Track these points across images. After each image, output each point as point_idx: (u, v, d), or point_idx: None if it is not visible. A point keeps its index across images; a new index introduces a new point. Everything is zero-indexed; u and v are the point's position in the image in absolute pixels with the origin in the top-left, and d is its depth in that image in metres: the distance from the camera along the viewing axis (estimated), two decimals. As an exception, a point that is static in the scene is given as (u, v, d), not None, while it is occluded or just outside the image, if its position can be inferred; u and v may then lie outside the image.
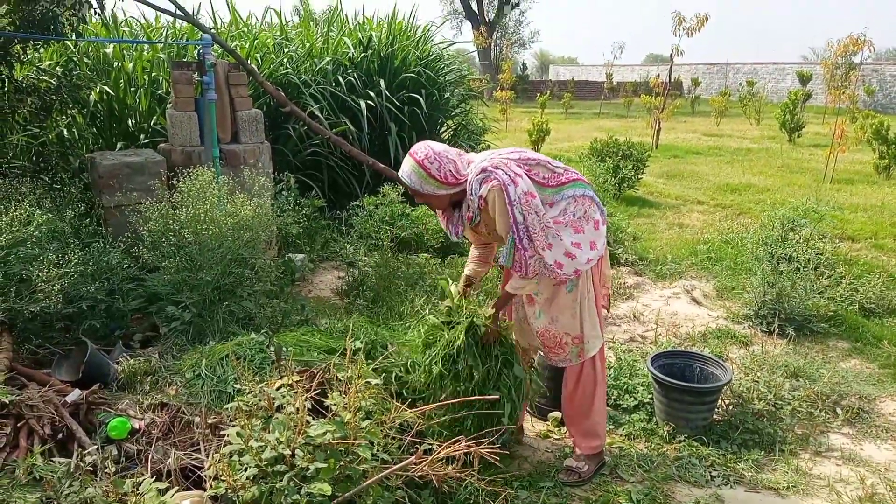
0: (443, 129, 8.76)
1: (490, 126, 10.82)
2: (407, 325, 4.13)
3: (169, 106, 5.22)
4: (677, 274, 5.64)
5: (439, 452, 2.31)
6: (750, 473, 2.92)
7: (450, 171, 2.57)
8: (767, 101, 22.43)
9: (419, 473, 2.41)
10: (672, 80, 18.71)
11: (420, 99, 7.27)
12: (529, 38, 40.73)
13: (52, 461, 2.26)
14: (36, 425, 2.44)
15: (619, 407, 3.48)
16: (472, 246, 3.04)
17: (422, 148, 2.58)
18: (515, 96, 21.17)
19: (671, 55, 14.35)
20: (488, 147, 9.93)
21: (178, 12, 5.30)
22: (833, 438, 3.23)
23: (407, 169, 2.60)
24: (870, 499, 2.65)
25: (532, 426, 3.31)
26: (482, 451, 2.46)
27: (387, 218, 5.67)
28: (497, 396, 2.68)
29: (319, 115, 6.51)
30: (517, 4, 36.35)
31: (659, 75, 16.93)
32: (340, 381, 2.44)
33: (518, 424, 3.06)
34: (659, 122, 13.95)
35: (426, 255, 5.47)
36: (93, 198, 4.58)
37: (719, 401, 3.33)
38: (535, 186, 2.60)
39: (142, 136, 5.83)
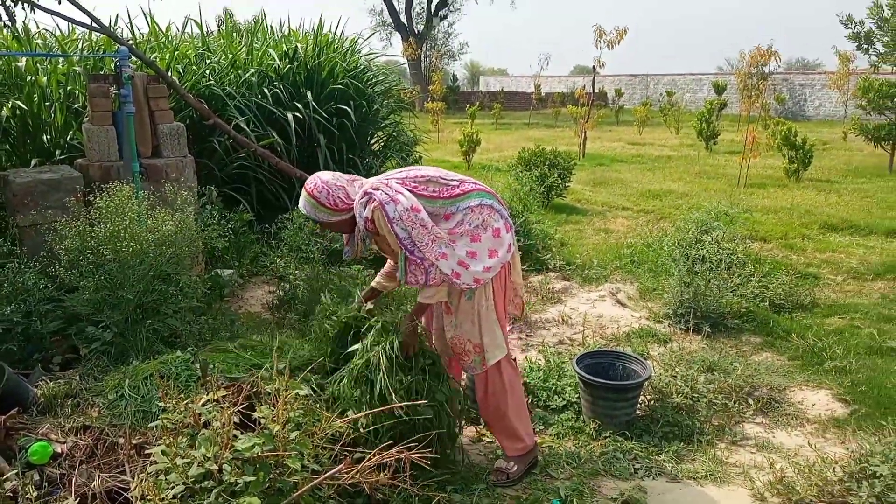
0: (373, 140, 8.78)
1: (421, 137, 10.91)
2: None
3: (86, 120, 5.06)
4: (603, 277, 5.84)
5: (369, 460, 2.33)
6: (671, 465, 3.06)
7: (339, 197, 2.70)
8: (686, 110, 23.44)
9: (350, 482, 2.43)
10: (596, 90, 19.37)
11: (349, 110, 7.28)
12: (459, 49, 41.24)
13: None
14: (-55, 456, 2.32)
15: (548, 408, 3.58)
16: (388, 261, 3.10)
17: (312, 180, 2.74)
18: (446, 107, 21.42)
19: (593, 67, 14.83)
20: (420, 158, 10.03)
21: (94, 24, 5.15)
22: (747, 428, 3.42)
23: (301, 201, 2.75)
24: (780, 482, 2.82)
25: (464, 431, 3.37)
26: (412, 456, 2.50)
27: (317, 230, 5.64)
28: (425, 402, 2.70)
29: (245, 127, 6.43)
30: (445, 17, 36.77)
31: (584, 86, 17.46)
32: (269, 394, 2.43)
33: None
34: (585, 132, 14.39)
35: (359, 266, 5.47)
36: (6, 217, 4.38)
37: (641, 397, 3.47)
38: (425, 200, 2.70)
39: (58, 152, 5.61)
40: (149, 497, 2.11)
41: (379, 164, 8.49)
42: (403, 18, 34.53)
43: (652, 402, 3.54)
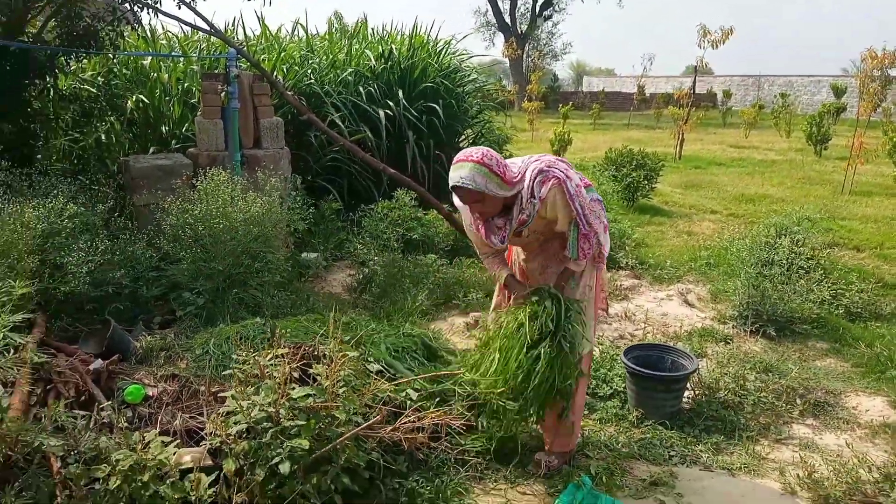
0: (461, 138, 9.09)
1: (512, 135, 11.12)
2: (409, 317, 4.46)
3: (198, 114, 5.66)
4: (675, 278, 5.84)
5: (407, 419, 2.61)
6: (707, 455, 3.15)
7: (507, 167, 2.59)
8: (802, 113, 22.25)
9: (393, 438, 2.72)
10: (704, 91, 18.77)
11: (437, 108, 7.61)
12: (562, 49, 40.91)
13: (73, 417, 2.62)
14: (62, 388, 2.81)
15: (595, 395, 3.73)
16: (487, 256, 3.00)
17: (473, 150, 2.57)
18: (544, 107, 21.45)
19: (695, 67, 14.46)
20: (510, 156, 10.26)
21: (205, 26, 5.74)
22: (795, 428, 3.43)
23: (466, 172, 2.51)
24: (809, 476, 2.85)
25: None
26: (448, 420, 2.76)
27: (398, 220, 6.01)
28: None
29: (340, 123, 6.90)
30: (550, 17, 36.59)
31: (685, 86, 16.99)
32: (325, 356, 2.76)
33: None
34: (682, 133, 14.05)
35: (434, 255, 5.79)
36: (125, 197, 5.01)
37: (686, 390, 3.56)
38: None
39: (174, 142, 6.29)
40: (217, 433, 2.50)
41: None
42: (507, 19, 34.71)
43: (699, 396, 3.61)
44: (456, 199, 2.71)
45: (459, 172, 2.54)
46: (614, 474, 2.98)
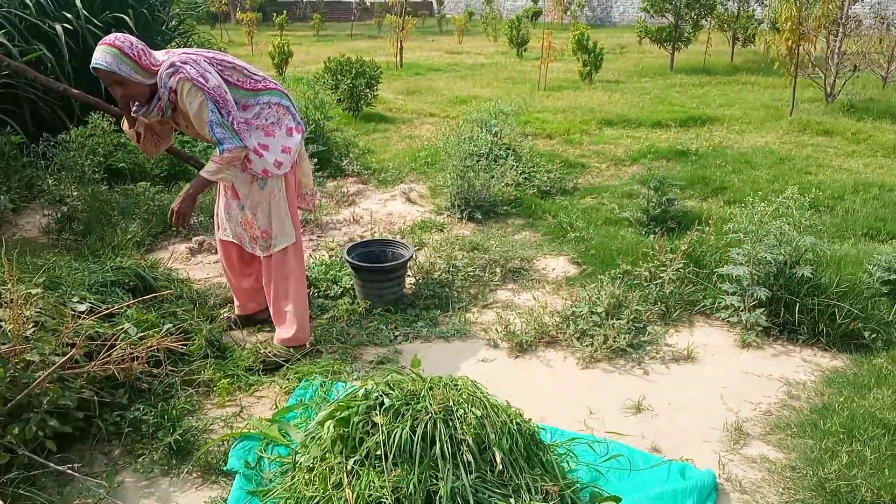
0: (164, 53, 8.30)
1: (226, 49, 10.43)
2: (120, 251, 4.14)
3: None
4: (398, 179, 6.16)
5: (112, 351, 2.48)
6: (426, 330, 3.49)
7: (144, 52, 2.72)
8: (507, 18, 24.08)
9: (106, 372, 2.58)
10: (421, 0, 19.25)
11: (127, 19, 6.81)
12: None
13: None
14: None
15: (327, 296, 3.87)
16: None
17: (114, 35, 2.72)
18: (262, 19, 20.36)
19: (405, -27, 14.72)
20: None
21: None
22: (499, 293, 3.94)
23: (99, 55, 2.66)
24: (506, 329, 3.34)
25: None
26: (169, 344, 2.68)
27: (97, 148, 5.41)
28: None
29: (6, 42, 5.86)
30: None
31: (400, -6, 17.29)
32: (7, 300, 2.47)
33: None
34: (401, 42, 14.42)
35: (146, 183, 5.36)
36: None
37: (408, 277, 3.86)
38: (229, 87, 2.83)
39: None
40: None
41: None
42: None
43: (418, 280, 3.95)
44: None
45: (96, 54, 2.68)
46: (346, 361, 3.18)
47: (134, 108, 2.91)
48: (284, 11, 21.63)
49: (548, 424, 2.62)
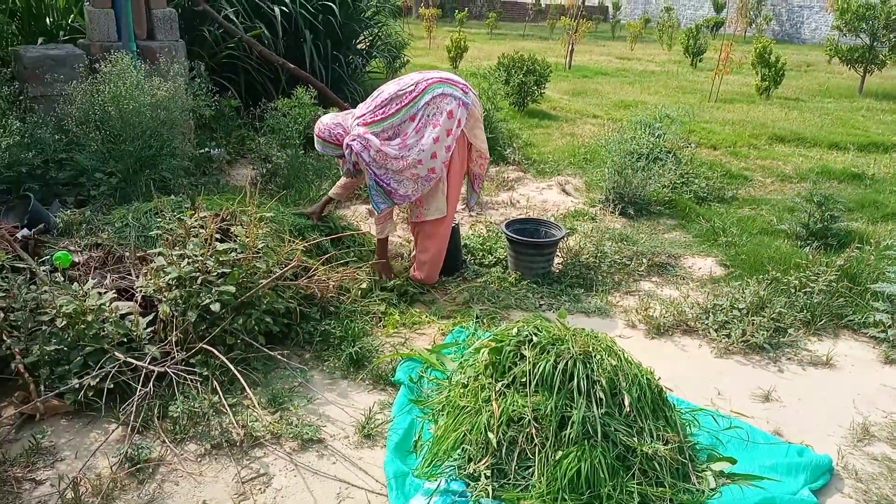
0: (358, 39, 9.15)
1: (409, 42, 11.24)
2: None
3: (87, 3, 5.51)
4: (556, 171, 6.47)
5: (315, 272, 3.05)
6: (569, 304, 3.81)
7: (339, 133, 3.59)
8: (686, 27, 23.41)
9: (307, 290, 3.16)
10: (596, 4, 19.30)
11: (333, 6, 7.66)
12: (460, -46, 40.04)
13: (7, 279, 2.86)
14: (-8, 254, 3.01)
15: (482, 264, 4.30)
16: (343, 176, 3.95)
17: (316, 124, 3.66)
18: (441, 15, 21.35)
19: (585, -23, 14.87)
20: (407, 61, 10.49)
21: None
22: (643, 284, 4.16)
23: (315, 143, 3.70)
24: (645, 311, 3.57)
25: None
26: (353, 274, 3.22)
27: (298, 117, 6.22)
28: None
29: (234, 18, 6.85)
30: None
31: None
32: (243, 220, 3.12)
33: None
34: (572, 44, 14.63)
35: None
36: (21, 87, 4.93)
37: (557, 256, 4.19)
38: (391, 118, 3.50)
39: (61, 34, 6.08)
40: (150, 284, 2.84)
41: (364, 63, 8.93)
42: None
43: (566, 260, 4.26)
44: None
45: (315, 140, 3.71)
46: (494, 319, 3.58)
47: (343, 169, 3.84)
48: (465, 8, 22.46)
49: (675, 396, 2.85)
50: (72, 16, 6.17)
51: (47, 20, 6.11)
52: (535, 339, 2.47)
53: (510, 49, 10.85)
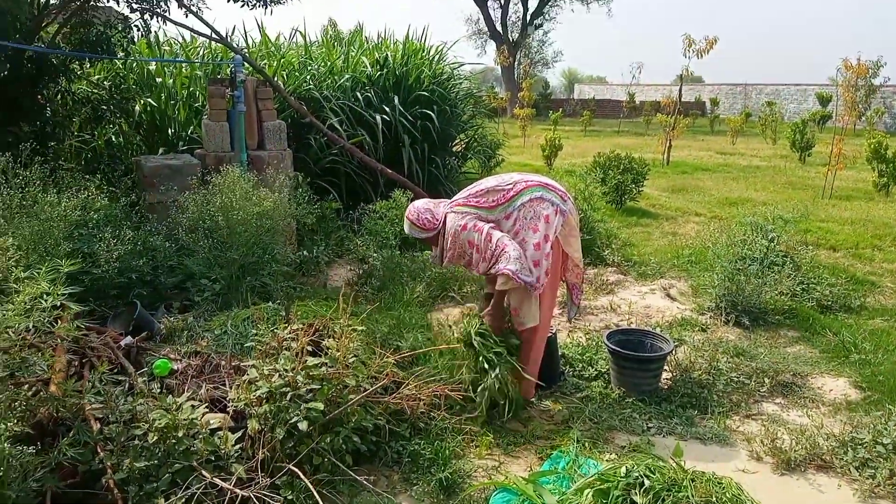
0: (455, 141, 9.40)
1: (504, 141, 11.46)
2: (407, 307, 4.76)
3: (204, 117, 5.94)
4: (658, 274, 6.16)
5: (406, 386, 2.91)
6: (682, 427, 3.45)
7: (427, 218, 3.57)
8: (789, 121, 22.77)
9: (397, 406, 3.02)
10: (693, 100, 19.18)
11: (432, 114, 7.93)
12: (552, 57, 41.53)
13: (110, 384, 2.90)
14: (96, 361, 3.08)
15: (581, 377, 4.03)
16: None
17: (409, 207, 3.65)
18: (536, 114, 21.83)
19: (681, 75, 14.87)
20: (502, 160, 10.65)
21: (214, 35, 6.03)
22: (765, 406, 3.74)
23: (405, 225, 3.67)
24: (773, 443, 3.16)
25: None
26: (445, 390, 3.06)
27: (395, 219, 6.31)
28: None
29: (338, 127, 7.20)
30: (540, 25, 37.09)
31: (672, 95, 17.41)
32: (336, 331, 3.05)
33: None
34: (670, 140, 14.45)
35: (430, 252, 6.09)
36: (139, 194, 5.29)
37: (664, 371, 3.86)
38: (486, 210, 3.44)
39: (180, 144, 6.57)
40: (242, 397, 2.78)
41: (459, 164, 9.11)
42: (499, 27, 35.17)
43: (675, 376, 3.92)
44: None
45: (405, 222, 3.66)
46: (597, 443, 3.28)
47: (432, 256, 3.86)
48: (560, 109, 22.93)
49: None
50: (192, 127, 6.67)
51: (169, 131, 6.63)
52: (646, 482, 2.19)
53: (605, 146, 10.85)
